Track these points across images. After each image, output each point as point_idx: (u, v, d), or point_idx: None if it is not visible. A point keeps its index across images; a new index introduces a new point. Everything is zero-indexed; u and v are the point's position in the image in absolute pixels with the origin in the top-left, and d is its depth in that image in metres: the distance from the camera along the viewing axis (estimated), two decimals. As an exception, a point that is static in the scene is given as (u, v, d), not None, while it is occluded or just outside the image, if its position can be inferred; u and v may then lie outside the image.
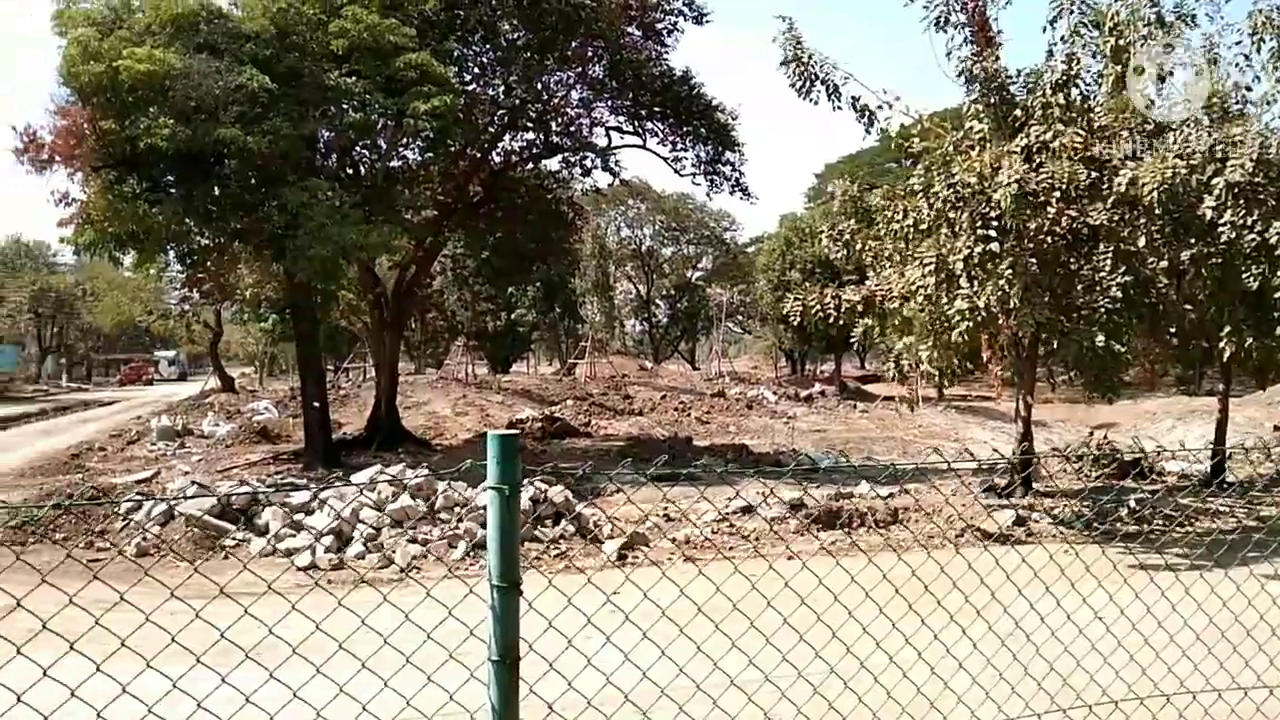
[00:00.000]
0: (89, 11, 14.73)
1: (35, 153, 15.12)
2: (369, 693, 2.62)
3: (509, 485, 2.05)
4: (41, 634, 2.40)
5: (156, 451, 21.09)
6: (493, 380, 40.89)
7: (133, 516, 12.22)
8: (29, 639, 2.53)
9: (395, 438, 20.94)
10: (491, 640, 2.02)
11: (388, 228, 15.39)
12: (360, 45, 14.60)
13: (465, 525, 11.54)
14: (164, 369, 74.48)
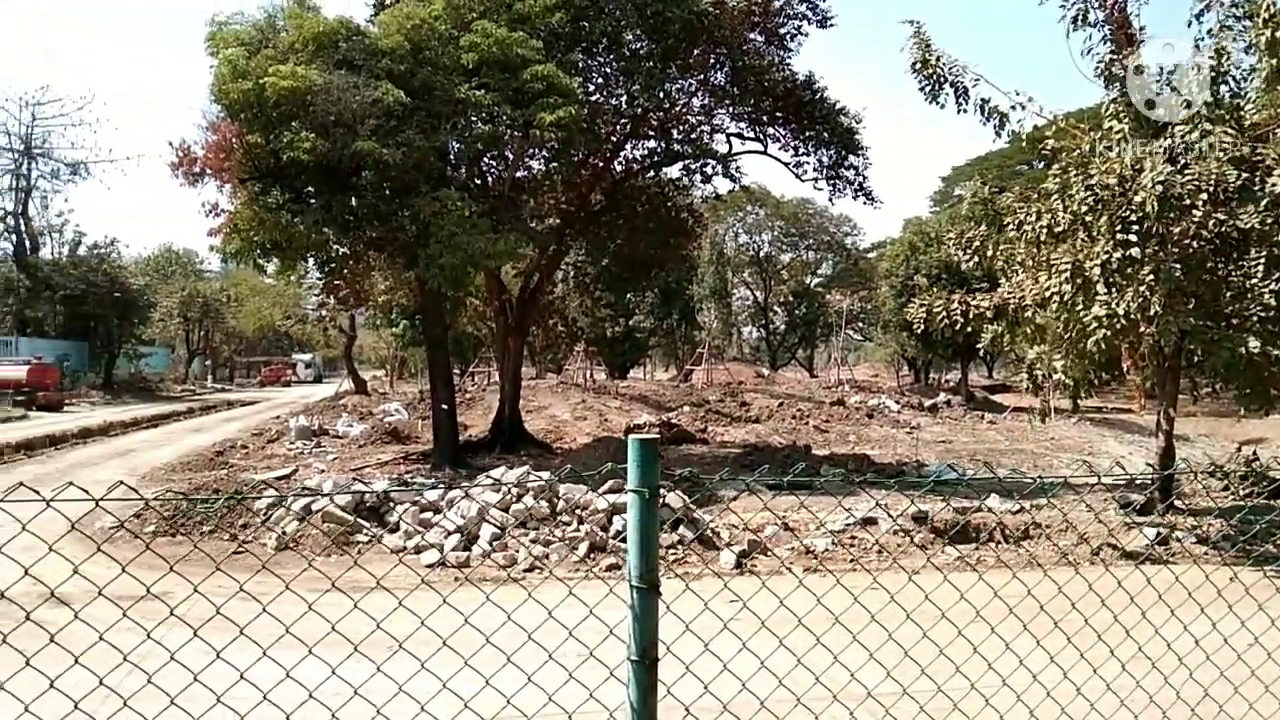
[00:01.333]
0: (238, 32, 15.60)
1: (189, 166, 16.13)
2: (503, 688, 2.70)
3: (649, 489, 2.09)
4: (179, 619, 2.57)
5: (294, 450, 22.11)
6: (611, 385, 41.34)
7: (272, 512, 12.88)
8: (203, 624, 2.71)
9: (517, 440, 21.39)
10: (631, 640, 2.07)
11: (514, 236, 15.74)
12: (489, 59, 15.03)
13: (585, 527, 11.71)
14: (301, 371, 78.37)
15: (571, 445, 22.83)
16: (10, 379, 36.02)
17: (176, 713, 2.87)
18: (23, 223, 49.33)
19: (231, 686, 2.90)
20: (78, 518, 10.58)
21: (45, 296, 46.91)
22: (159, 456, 21.53)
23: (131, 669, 2.92)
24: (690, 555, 11.27)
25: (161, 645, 2.70)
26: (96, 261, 49.94)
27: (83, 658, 2.80)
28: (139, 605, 3.07)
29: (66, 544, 3.10)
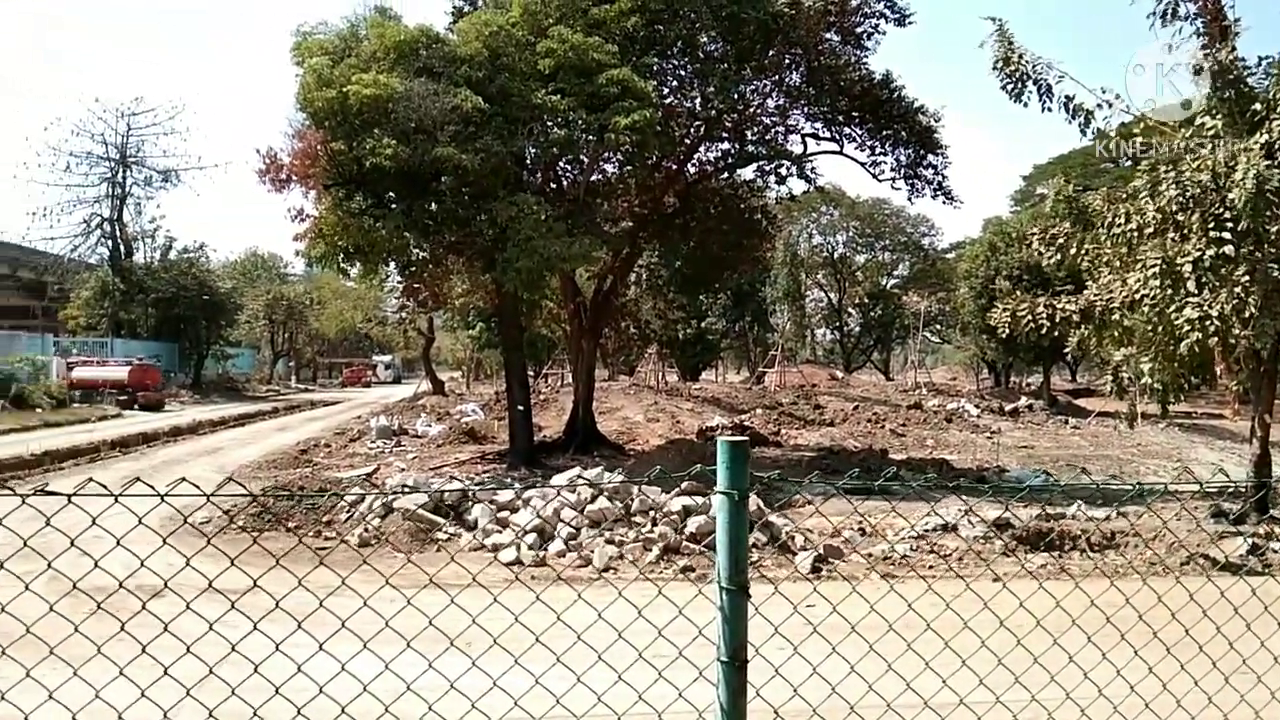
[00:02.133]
0: (322, 42, 16.05)
1: (275, 173, 16.65)
2: (582, 687, 2.74)
3: (738, 491, 2.11)
4: (274, 612, 2.67)
5: (375, 449, 22.61)
6: (683, 387, 41.30)
7: (356, 509, 13.21)
8: (305, 618, 2.80)
9: (591, 441, 21.54)
10: (720, 641, 2.09)
11: (588, 240, 15.88)
12: (565, 64, 15.19)
13: (659, 529, 11.74)
14: (381, 372, 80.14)
15: (644, 447, 22.90)
16: (113, 379, 37.61)
17: (281, 703, 2.98)
18: (118, 229, 51.37)
19: (332, 679, 3.01)
20: (176, 514, 10.97)
21: (138, 299, 48.81)
22: (246, 454, 22.24)
23: (235, 660, 3.04)
24: (766, 559, 11.22)
25: (267, 637, 2.81)
26: (186, 265, 51.82)
27: (179, 648, 2.93)
28: (219, 597, 3.19)
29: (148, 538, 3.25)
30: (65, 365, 38.65)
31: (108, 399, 36.34)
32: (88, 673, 3.13)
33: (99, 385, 37.15)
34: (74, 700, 3.10)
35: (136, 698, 2.95)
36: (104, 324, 48.18)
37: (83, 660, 3.18)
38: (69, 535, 2.50)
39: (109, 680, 3.07)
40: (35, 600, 3.03)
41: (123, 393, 36.77)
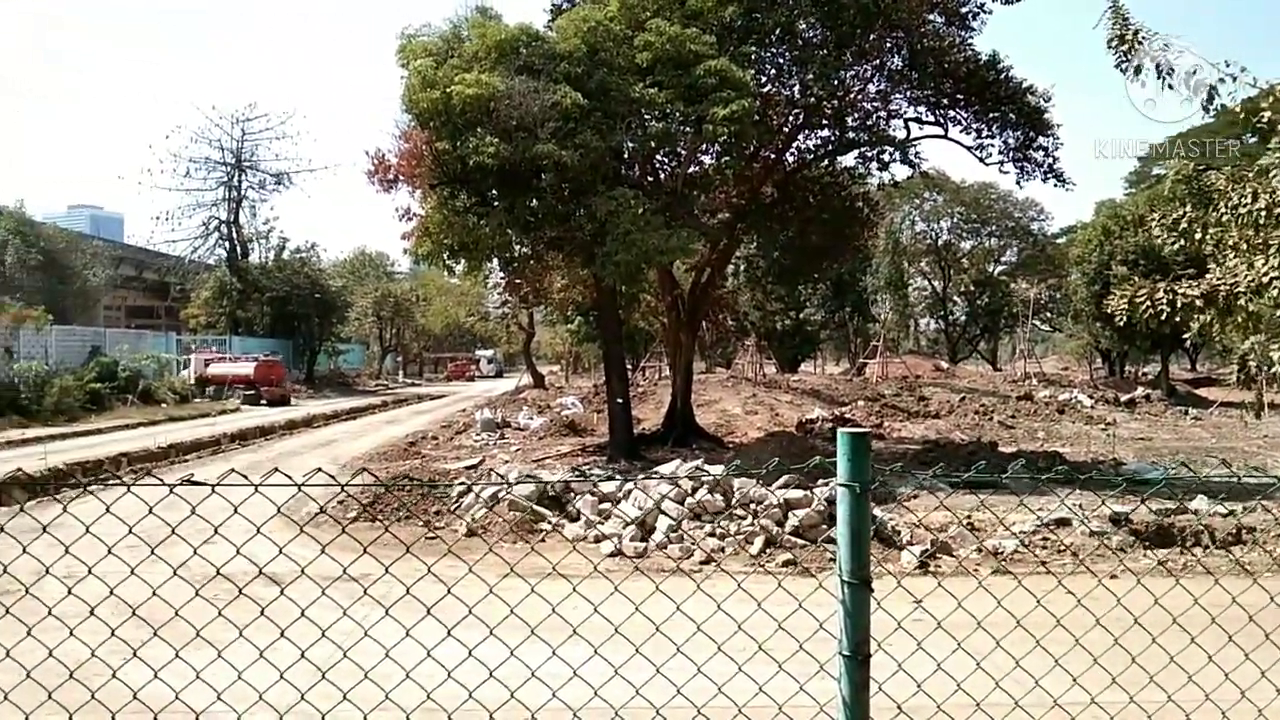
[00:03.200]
0: (426, 44, 16.41)
1: (383, 174, 17.14)
2: (696, 679, 2.75)
3: (859, 483, 2.09)
4: (395, 601, 2.75)
5: (480, 441, 23.07)
6: (781, 379, 40.95)
7: (463, 500, 13.53)
8: (394, 603, 2.89)
9: (689, 434, 21.54)
10: (842, 635, 2.07)
11: (686, 232, 15.85)
12: (663, 57, 15.20)
13: (760, 522, 11.67)
14: (484, 367, 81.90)
15: (743, 439, 22.78)
16: (239, 375, 39.44)
17: (369, 687, 3.08)
18: (234, 230, 53.75)
19: (419, 664, 3.10)
20: (284, 503, 11.43)
21: (254, 298, 51.00)
22: (358, 447, 23.00)
23: (333, 643, 3.16)
24: (871, 554, 11.05)
25: (357, 623, 2.91)
26: (299, 265, 53.87)
27: (286, 632, 3.06)
28: (341, 585, 3.31)
29: (275, 527, 3.40)
30: (202, 361, 40.61)
31: (236, 394, 38.11)
32: (222, 654, 3.29)
33: (229, 381, 38.97)
34: (216, 682, 3.26)
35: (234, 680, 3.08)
36: (223, 322, 50.47)
37: (219, 643, 3.35)
38: (212, 523, 2.63)
39: (249, 662, 3.22)
40: (170, 585, 3.20)
41: (249, 388, 38.50)
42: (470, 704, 3.12)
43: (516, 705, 3.04)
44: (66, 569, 3.40)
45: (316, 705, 3.34)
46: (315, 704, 3.33)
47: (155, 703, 3.53)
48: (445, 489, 13.67)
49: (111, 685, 3.36)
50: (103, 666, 3.33)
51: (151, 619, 3.34)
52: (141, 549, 3.13)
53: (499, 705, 3.00)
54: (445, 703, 3.20)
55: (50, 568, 3.26)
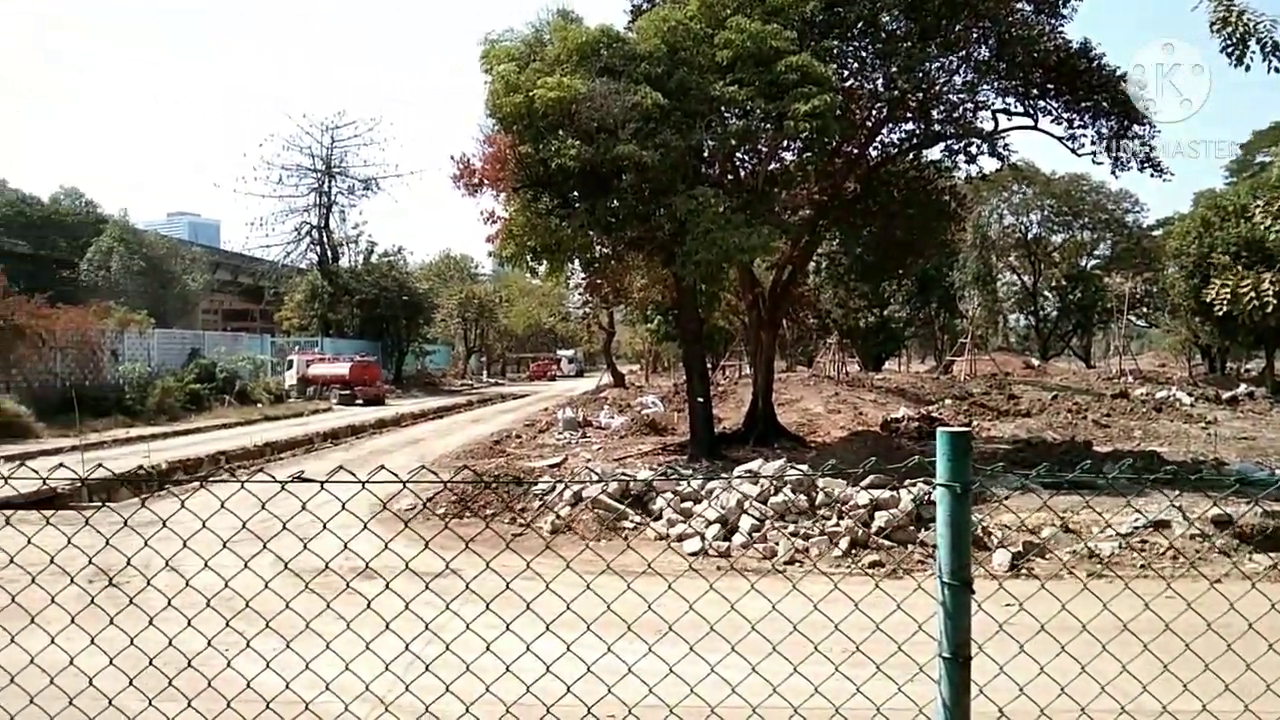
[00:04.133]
0: (509, 49, 16.63)
1: (468, 178, 17.46)
2: (795, 678, 2.73)
3: (960, 483, 2.05)
4: (479, 595, 2.79)
5: (562, 440, 23.31)
6: (865, 378, 40.37)
7: (548, 497, 13.69)
8: (493, 600, 2.93)
9: (771, 433, 21.36)
10: (942, 636, 2.04)
11: (767, 229, 15.73)
12: (743, 54, 15.12)
13: (845, 523, 11.53)
14: (565, 366, 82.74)
15: (825, 439, 22.50)
16: (335, 375, 40.64)
17: (470, 679, 3.14)
18: (325, 235, 55.34)
19: (518, 659, 3.14)
20: (389, 498, 11.61)
21: (344, 301, 52.44)
22: (445, 445, 23.46)
23: (430, 637, 3.23)
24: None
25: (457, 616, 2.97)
26: (387, 268, 55.21)
27: (387, 625, 3.13)
28: (436, 580, 3.38)
29: (372, 523, 3.49)
30: (305, 363, 41.92)
31: (332, 394, 39.29)
32: (330, 646, 3.39)
33: (327, 381, 40.17)
34: (324, 673, 3.37)
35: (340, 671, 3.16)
36: (315, 324, 52.02)
37: (325, 635, 3.45)
38: (320, 518, 2.72)
39: (354, 655, 3.31)
40: (278, 579, 3.31)
41: (344, 388, 39.63)
42: (568, 698, 3.16)
43: (613, 700, 3.07)
44: (180, 562, 3.55)
45: (420, 697, 3.42)
46: (419, 696, 3.41)
47: (266, 693, 3.67)
48: (531, 486, 13.84)
49: (226, 675, 3.49)
50: (218, 657, 3.48)
51: (261, 612, 3.47)
52: (251, 543, 3.26)
53: (596, 700, 3.03)
54: (544, 697, 3.25)
55: (170, 561, 3.42)
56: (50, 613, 3.78)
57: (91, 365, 29.99)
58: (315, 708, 3.48)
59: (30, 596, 3.77)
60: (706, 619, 2.61)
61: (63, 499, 14.12)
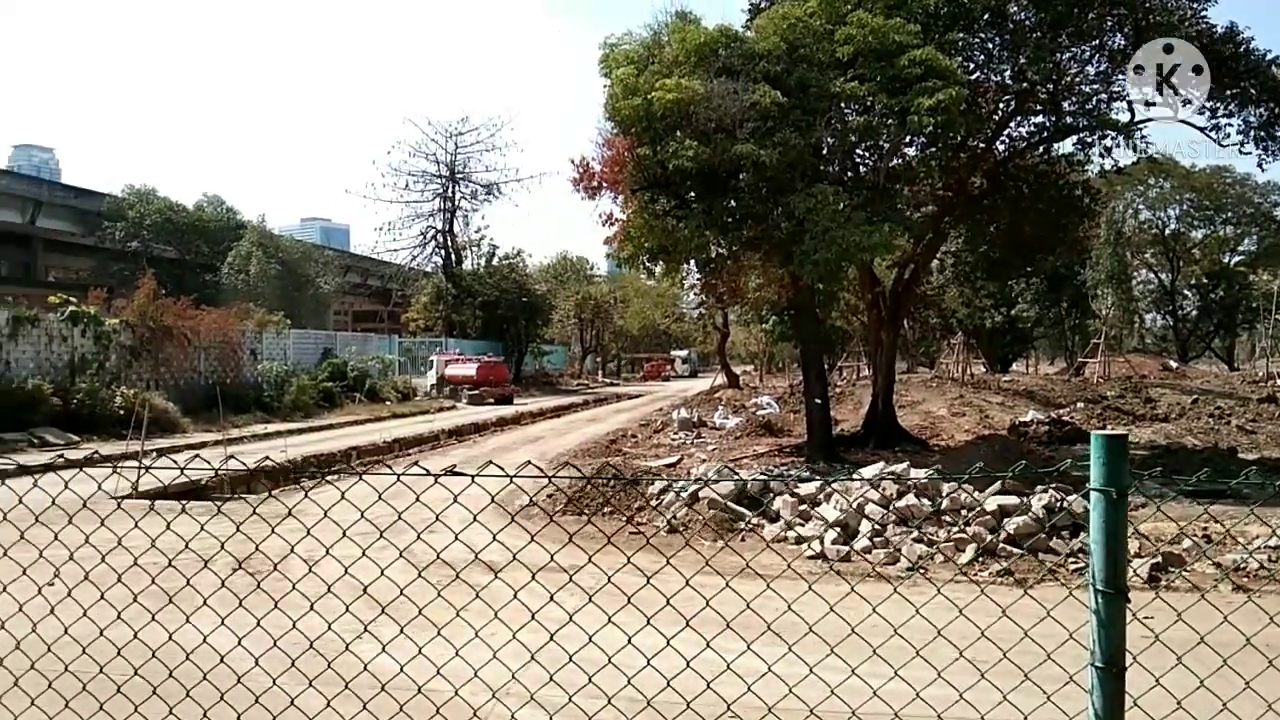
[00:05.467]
0: (628, 52, 16.78)
1: (588, 181, 17.71)
2: (916, 684, 2.68)
3: (1116, 488, 1.98)
4: (599, 591, 2.82)
5: (677, 440, 23.39)
6: (991, 379, 39.10)
7: (663, 497, 13.75)
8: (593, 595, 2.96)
9: (891, 436, 20.93)
10: (1095, 646, 1.97)
11: (888, 227, 15.43)
12: (865, 49, 14.87)
13: (973, 529, 11.19)
14: (678, 366, 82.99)
15: (949, 443, 21.91)
16: (463, 376, 41.92)
17: (573, 670, 3.18)
18: (449, 239, 57.03)
19: (620, 649, 3.17)
20: (497, 494, 11.86)
21: (467, 302, 53.93)
22: (563, 443, 23.87)
23: (539, 628, 3.30)
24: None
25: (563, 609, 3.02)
26: (508, 270, 56.53)
27: (498, 615, 3.20)
28: (548, 573, 3.46)
29: (488, 517, 3.60)
30: (444, 363, 43.36)
31: (463, 393, 40.57)
32: (441, 632, 3.51)
33: (460, 381, 41.48)
34: (437, 658, 3.49)
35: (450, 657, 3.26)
36: (439, 325, 53.64)
37: (439, 623, 3.58)
38: (471, 510, 2.82)
39: (464, 642, 3.41)
40: (396, 567, 3.45)
41: (473, 388, 40.83)
42: (668, 693, 3.19)
43: (713, 697, 3.08)
44: (307, 550, 3.74)
45: (526, 685, 3.52)
46: (525, 684, 3.50)
47: (382, 676, 3.83)
48: (646, 485, 13.94)
49: (345, 657, 3.66)
50: (339, 640, 3.64)
51: (380, 599, 3.62)
52: (372, 533, 3.41)
53: (694, 696, 3.05)
54: (646, 690, 3.29)
55: (294, 547, 3.60)
56: (188, 595, 4.05)
57: (232, 364, 31.68)
58: (427, 691, 3.61)
59: (172, 581, 4.03)
60: (848, 621, 2.60)
61: (205, 490, 15.02)
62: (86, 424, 22.86)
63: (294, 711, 3.39)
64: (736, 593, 2.97)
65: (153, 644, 3.74)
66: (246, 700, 3.58)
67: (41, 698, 3.43)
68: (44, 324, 24.82)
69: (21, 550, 3.43)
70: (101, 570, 3.61)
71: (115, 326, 26.83)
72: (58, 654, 3.55)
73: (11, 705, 3.46)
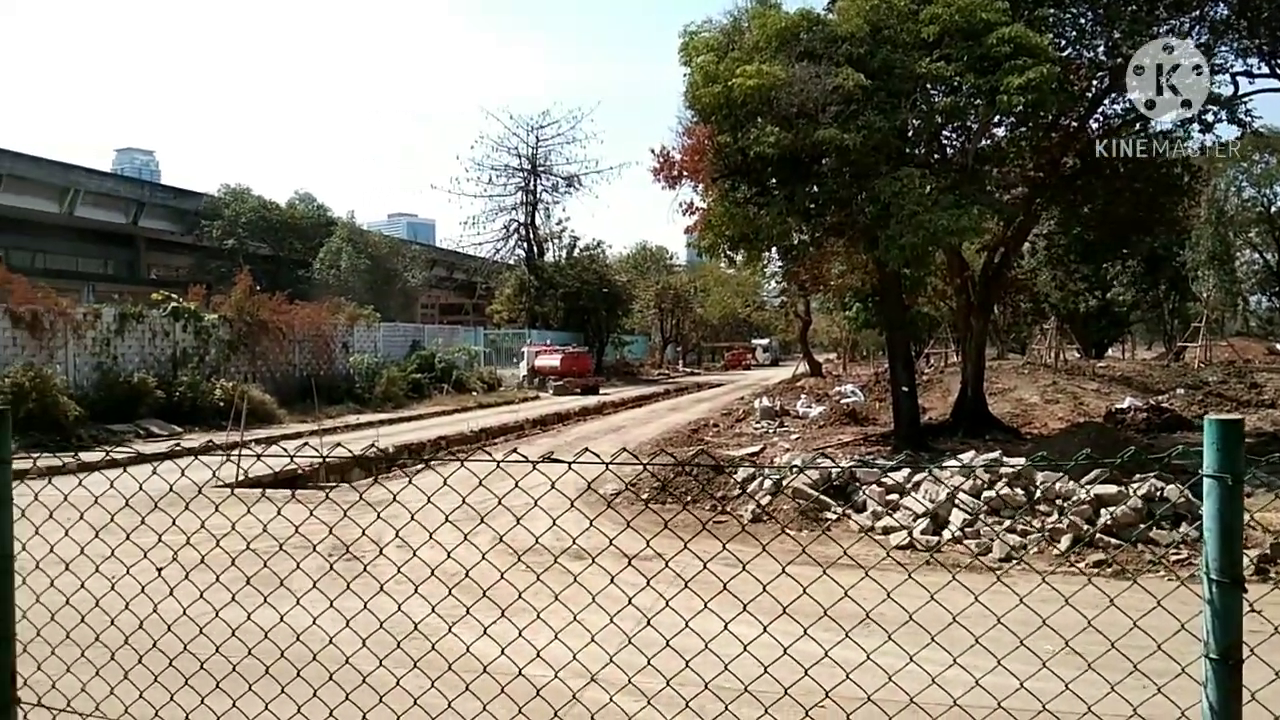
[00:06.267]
0: (707, 39, 16.70)
1: (668, 171, 17.70)
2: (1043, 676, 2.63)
3: (1232, 474, 1.92)
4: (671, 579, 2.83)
5: (760, 429, 23.28)
6: (1085, 365, 37.91)
7: (748, 486, 13.71)
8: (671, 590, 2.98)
9: (981, 424, 20.45)
10: (1209, 637, 1.92)
11: (977, 210, 15.06)
12: (951, 28, 14.53)
13: (1067, 519, 10.89)
14: (759, 355, 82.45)
15: (1042, 431, 21.31)
16: (549, 367, 42.51)
17: (670, 656, 3.20)
18: (531, 232, 57.67)
19: (714, 638, 3.19)
20: (591, 480, 11.98)
21: (549, 294, 54.49)
22: (645, 433, 23.98)
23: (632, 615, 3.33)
24: (1195, 555, 9.99)
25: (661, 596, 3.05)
26: (588, 261, 56.93)
27: (593, 601, 3.24)
28: (640, 561, 3.49)
29: (579, 504, 3.64)
30: (534, 354, 44.05)
31: (549, 384, 41.18)
32: (540, 615, 3.58)
33: (547, 372, 42.11)
34: (536, 642, 3.56)
35: (550, 641, 3.31)
36: (522, 317, 54.34)
37: (536, 606, 3.65)
38: (568, 496, 2.87)
39: (562, 627, 3.47)
40: (492, 552, 3.52)
41: (560, 378, 41.38)
42: (764, 681, 3.20)
43: (810, 685, 3.08)
44: (409, 536, 3.85)
45: (623, 669, 3.56)
46: (622, 669, 3.55)
47: (483, 659, 3.92)
48: (731, 473, 13.91)
49: (447, 641, 3.76)
50: (440, 624, 3.75)
51: (479, 584, 3.71)
52: (467, 519, 3.50)
53: (792, 683, 3.05)
54: (744, 676, 3.30)
55: (400, 531, 3.71)
56: (296, 578, 4.21)
57: (325, 357, 32.65)
58: (527, 675, 3.69)
59: (279, 564, 4.19)
60: (952, 614, 2.57)
61: (304, 478, 15.54)
62: (188, 416, 23.86)
63: (399, 692, 3.51)
64: (835, 581, 2.96)
65: (266, 624, 3.91)
66: (354, 680, 3.72)
67: (164, 674, 3.62)
68: (148, 320, 25.96)
69: (141, 535, 3.62)
70: (214, 554, 3.78)
71: (214, 321, 27.91)
72: (177, 633, 3.73)
73: (137, 681, 3.65)
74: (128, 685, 3.63)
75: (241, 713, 3.54)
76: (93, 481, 3.32)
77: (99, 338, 24.33)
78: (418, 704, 3.54)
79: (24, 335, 22.26)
